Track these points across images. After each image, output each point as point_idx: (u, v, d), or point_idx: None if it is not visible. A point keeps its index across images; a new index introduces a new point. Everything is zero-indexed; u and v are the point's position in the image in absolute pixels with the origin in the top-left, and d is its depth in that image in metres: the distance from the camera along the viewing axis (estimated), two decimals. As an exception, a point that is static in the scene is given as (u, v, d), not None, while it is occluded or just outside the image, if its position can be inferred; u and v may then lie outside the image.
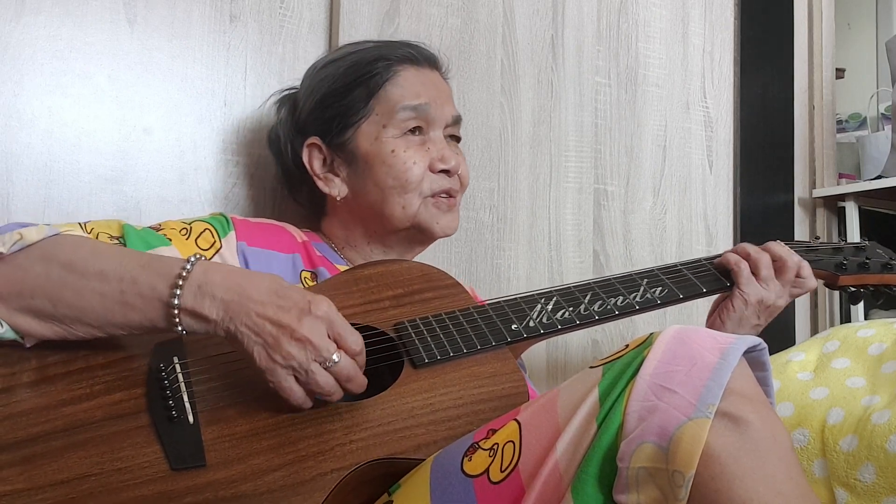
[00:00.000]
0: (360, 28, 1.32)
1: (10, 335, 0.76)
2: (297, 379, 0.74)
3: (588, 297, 0.98)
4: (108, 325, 0.76)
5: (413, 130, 1.05)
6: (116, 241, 0.88)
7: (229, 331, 0.75)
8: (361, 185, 1.05)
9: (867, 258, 1.11)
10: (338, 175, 1.07)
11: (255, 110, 1.25)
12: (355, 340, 0.77)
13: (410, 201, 1.04)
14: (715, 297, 1.08)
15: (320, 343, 0.74)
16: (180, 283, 0.75)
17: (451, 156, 1.06)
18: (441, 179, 1.05)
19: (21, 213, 1.08)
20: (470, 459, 0.70)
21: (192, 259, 0.77)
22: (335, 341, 0.76)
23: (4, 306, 0.75)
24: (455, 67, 1.41)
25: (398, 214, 1.04)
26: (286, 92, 1.15)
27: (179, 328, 0.75)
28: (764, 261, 1.03)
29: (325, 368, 0.74)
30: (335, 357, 0.74)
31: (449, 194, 1.07)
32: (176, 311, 0.75)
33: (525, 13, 1.51)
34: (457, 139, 1.12)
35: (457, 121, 1.11)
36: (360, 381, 0.77)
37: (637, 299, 0.99)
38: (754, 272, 1.03)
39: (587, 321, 0.96)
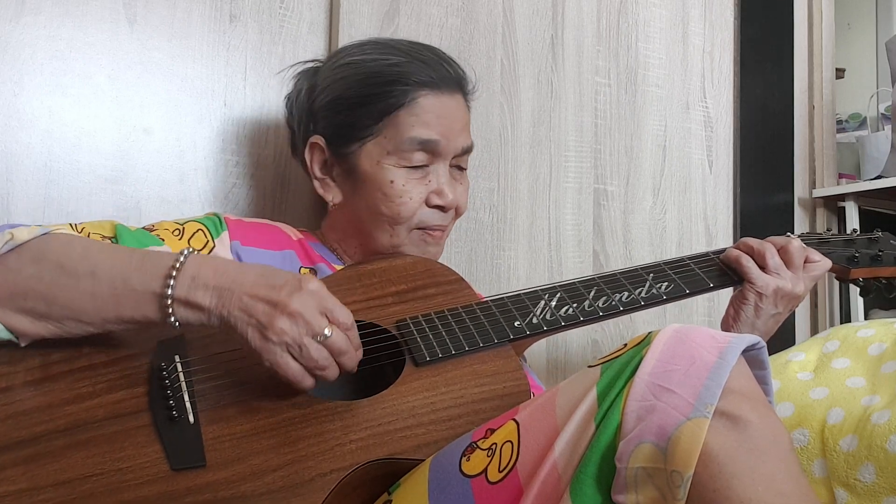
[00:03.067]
0: (359, 28, 1.31)
1: (5, 335, 0.76)
2: (292, 356, 0.75)
3: (592, 293, 0.97)
4: (102, 321, 0.77)
5: (418, 167, 1.01)
6: (109, 242, 0.88)
7: (223, 317, 0.75)
8: (355, 202, 1.03)
9: (880, 250, 1.08)
10: (335, 181, 1.05)
11: (255, 110, 1.25)
12: (345, 314, 0.78)
13: (399, 232, 1.01)
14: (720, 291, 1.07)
15: (312, 317, 0.75)
16: (174, 274, 0.76)
17: (450, 191, 1.02)
18: (434, 215, 1.02)
19: (21, 213, 1.08)
20: (468, 459, 0.70)
21: (185, 252, 0.78)
22: (326, 317, 0.77)
23: None
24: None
25: (384, 241, 1.02)
26: (309, 65, 1.09)
27: (173, 319, 0.76)
28: (769, 251, 1.02)
29: (319, 343, 0.76)
30: (327, 331, 0.76)
31: (439, 229, 1.04)
32: (169, 303, 0.75)
33: (525, 13, 1.51)
34: (462, 168, 1.08)
35: (466, 151, 1.06)
36: (352, 356, 0.79)
37: (642, 295, 0.97)
38: (760, 264, 1.01)
39: (591, 317, 0.95)
